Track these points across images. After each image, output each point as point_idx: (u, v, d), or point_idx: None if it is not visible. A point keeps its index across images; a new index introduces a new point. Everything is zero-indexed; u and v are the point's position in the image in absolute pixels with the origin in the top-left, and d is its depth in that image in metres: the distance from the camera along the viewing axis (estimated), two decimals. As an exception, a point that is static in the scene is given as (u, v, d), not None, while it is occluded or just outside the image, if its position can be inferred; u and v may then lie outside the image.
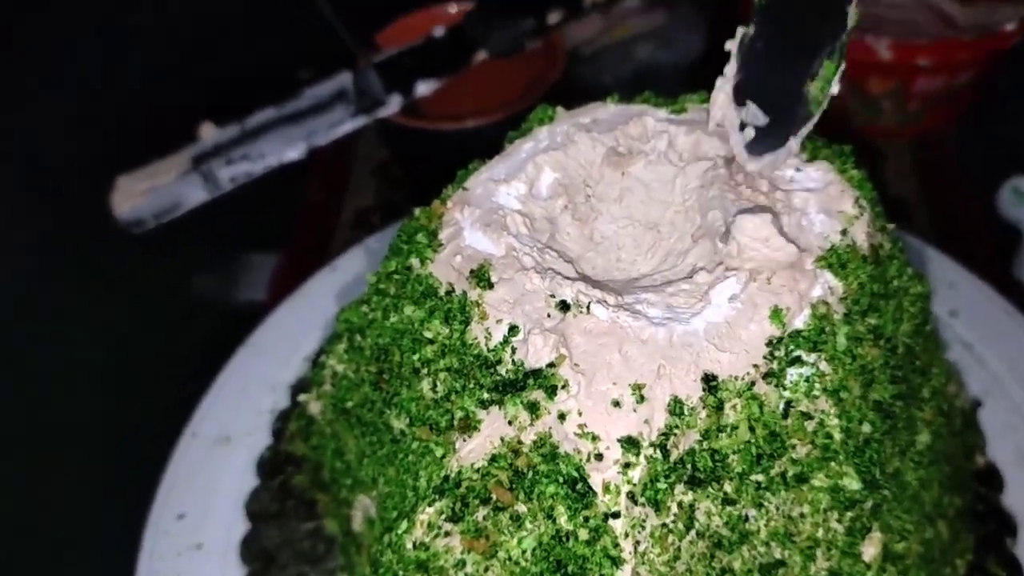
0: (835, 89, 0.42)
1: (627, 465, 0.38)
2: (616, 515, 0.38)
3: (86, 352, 0.82)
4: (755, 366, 0.38)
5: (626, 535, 0.38)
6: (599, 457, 0.38)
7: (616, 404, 0.38)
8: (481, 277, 0.42)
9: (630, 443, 0.38)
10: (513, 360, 0.40)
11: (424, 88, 0.84)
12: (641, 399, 0.38)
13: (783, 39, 0.43)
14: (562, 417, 0.38)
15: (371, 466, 0.49)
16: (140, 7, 0.97)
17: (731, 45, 0.45)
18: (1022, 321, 0.73)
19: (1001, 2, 0.93)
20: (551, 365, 0.39)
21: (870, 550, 0.41)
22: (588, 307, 0.40)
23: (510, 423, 0.39)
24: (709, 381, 0.38)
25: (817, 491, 0.39)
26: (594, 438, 0.38)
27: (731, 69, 0.44)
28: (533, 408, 0.39)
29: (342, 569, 0.59)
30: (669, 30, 1.04)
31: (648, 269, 0.45)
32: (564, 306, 0.40)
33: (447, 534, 0.40)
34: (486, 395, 0.40)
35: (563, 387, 0.38)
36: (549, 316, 0.40)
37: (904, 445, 0.44)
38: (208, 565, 0.62)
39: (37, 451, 0.77)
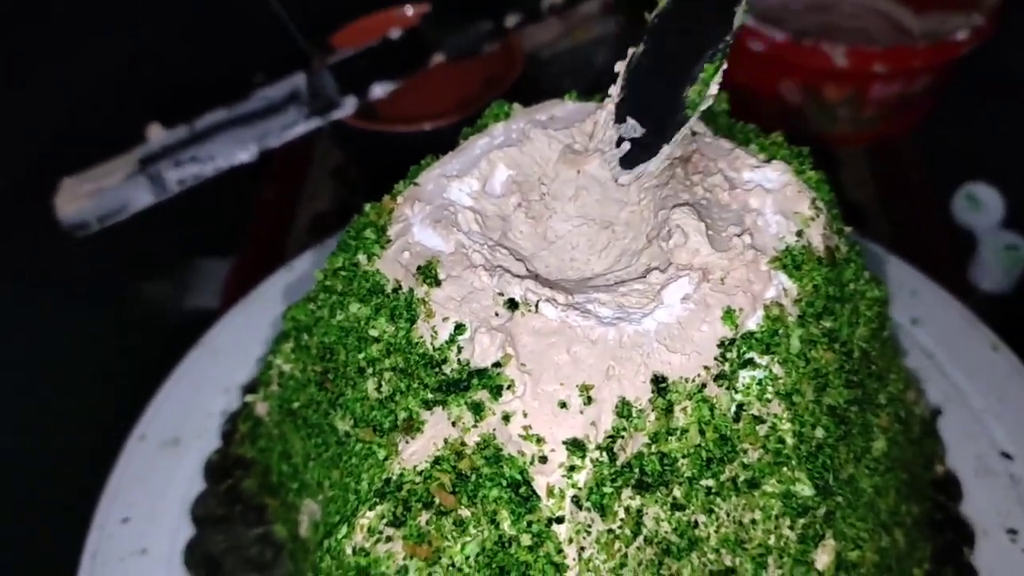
0: (714, 89, 0.41)
1: (572, 468, 0.36)
2: (560, 520, 0.36)
3: (31, 356, 0.80)
4: (706, 367, 0.37)
5: (570, 541, 0.36)
6: (543, 460, 0.37)
7: (563, 405, 0.37)
8: (428, 274, 0.40)
9: (576, 445, 0.36)
10: (459, 359, 0.39)
11: (380, 90, 0.83)
12: (588, 400, 0.37)
13: (669, 52, 0.43)
14: (506, 418, 0.37)
15: (317, 469, 0.48)
16: (90, 7, 0.95)
17: (619, 67, 0.45)
18: (984, 331, 0.73)
19: (953, 12, 0.94)
20: (497, 365, 0.37)
21: (823, 558, 0.40)
22: (536, 306, 0.38)
23: (454, 424, 0.38)
24: (659, 383, 0.37)
25: (769, 497, 0.39)
26: (539, 440, 0.37)
27: (615, 89, 0.44)
28: (477, 409, 0.37)
29: (290, 576, 0.57)
30: (628, 35, 1.04)
31: (602, 269, 0.44)
32: (512, 304, 0.39)
33: (389, 539, 0.39)
34: (430, 395, 0.39)
35: (508, 387, 0.37)
36: (497, 315, 0.39)
37: (859, 451, 0.44)
38: (152, 571, 0.60)
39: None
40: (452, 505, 0.38)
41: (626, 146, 0.43)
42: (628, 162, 0.43)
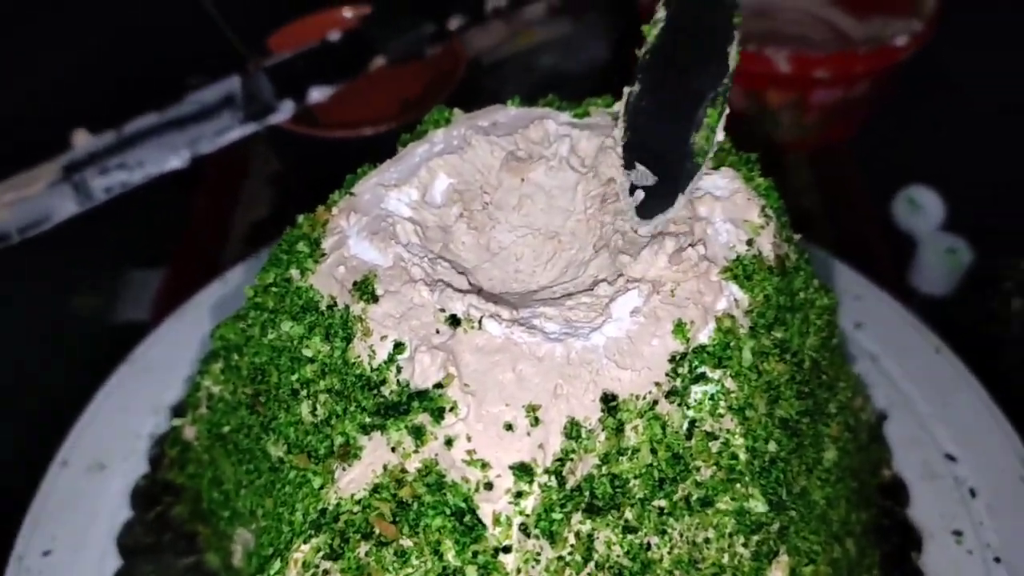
0: (720, 136, 0.42)
1: (519, 494, 0.35)
2: (507, 549, 0.35)
3: None
4: (657, 384, 0.36)
5: (518, 571, 0.35)
6: (489, 486, 0.35)
7: (508, 427, 0.35)
8: (364, 290, 0.38)
9: (523, 470, 0.35)
10: (398, 380, 0.37)
11: (318, 94, 0.82)
12: (536, 421, 0.35)
13: (667, 92, 0.43)
14: (449, 443, 0.35)
15: (249, 497, 0.45)
16: (16, 5, 0.91)
17: (618, 107, 0.44)
18: (927, 334, 0.73)
19: (893, 17, 0.96)
20: (438, 386, 0.36)
21: (777, 574, 0.39)
22: (480, 322, 0.36)
23: (393, 450, 0.36)
24: (608, 401, 0.35)
25: (722, 515, 0.37)
26: (484, 465, 0.35)
27: (618, 132, 0.44)
28: (418, 433, 0.35)
29: (224, 608, 0.54)
30: (574, 39, 1.04)
31: (547, 281, 0.42)
32: (454, 321, 0.37)
33: (326, 573, 0.37)
34: (368, 419, 0.37)
35: (451, 410, 0.35)
36: (438, 332, 0.37)
37: (811, 463, 0.43)
38: (76, 607, 0.57)
39: None
40: (393, 535, 0.36)
41: (640, 195, 0.42)
42: (645, 212, 0.42)
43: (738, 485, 0.37)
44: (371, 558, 0.36)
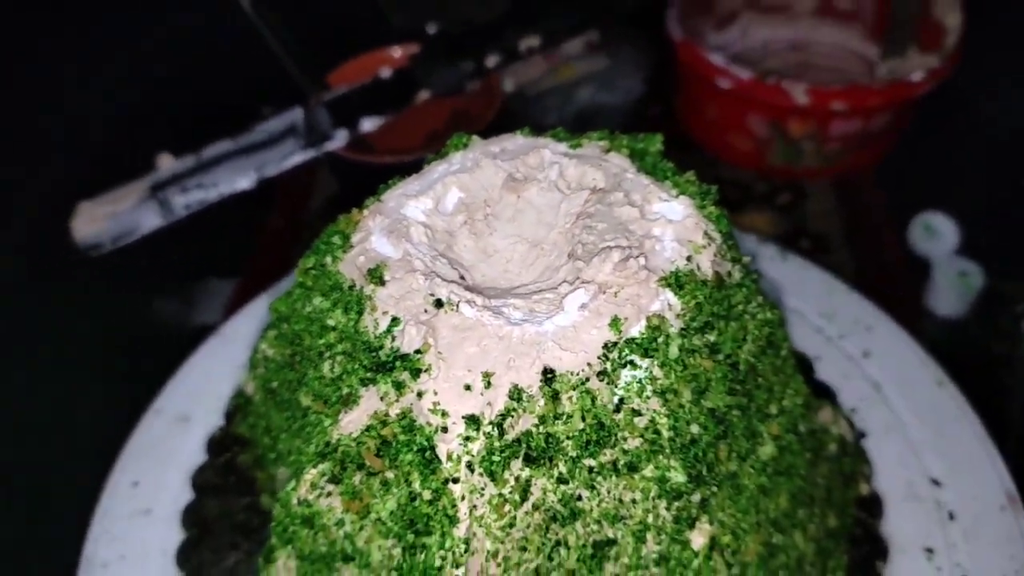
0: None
1: (468, 439, 0.44)
2: (456, 480, 0.44)
3: (57, 357, 0.88)
4: (589, 364, 0.44)
5: (463, 498, 0.44)
6: (445, 430, 0.44)
7: (467, 388, 0.44)
8: (375, 275, 0.48)
9: (472, 420, 0.44)
10: (392, 347, 0.47)
11: (368, 124, 0.92)
12: (488, 385, 0.44)
13: None
14: (420, 395, 0.45)
15: (288, 440, 0.56)
16: (109, 44, 1.05)
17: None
18: (933, 368, 0.77)
19: (922, 52, 1.00)
20: (418, 351, 0.45)
21: (699, 539, 0.47)
22: (458, 305, 0.46)
23: (381, 399, 0.46)
24: (547, 374, 0.44)
25: (647, 480, 0.45)
26: (444, 414, 0.44)
27: None
28: (399, 386, 0.45)
29: (270, 539, 0.65)
30: (611, 73, 1.13)
31: (528, 280, 0.51)
32: (438, 303, 0.46)
33: (328, 494, 0.47)
34: (367, 375, 0.47)
35: (426, 370, 0.45)
36: (426, 311, 0.47)
37: (743, 452, 0.50)
38: (153, 529, 0.69)
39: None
40: (381, 467, 0.45)
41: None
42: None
43: (660, 457, 0.45)
44: (363, 485, 0.46)
